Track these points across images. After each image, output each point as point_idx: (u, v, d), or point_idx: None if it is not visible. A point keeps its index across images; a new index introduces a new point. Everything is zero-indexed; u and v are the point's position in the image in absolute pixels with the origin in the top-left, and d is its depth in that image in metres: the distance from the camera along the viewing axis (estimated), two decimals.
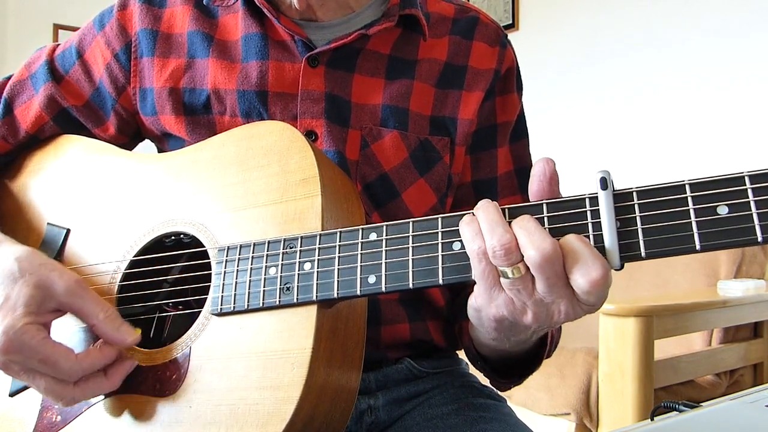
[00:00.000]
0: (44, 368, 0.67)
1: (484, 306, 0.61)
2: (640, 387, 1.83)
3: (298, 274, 0.66)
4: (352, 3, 0.90)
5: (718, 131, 2.86)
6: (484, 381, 0.96)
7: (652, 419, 0.72)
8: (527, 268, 0.56)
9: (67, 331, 0.77)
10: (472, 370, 0.99)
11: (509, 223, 0.57)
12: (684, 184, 0.53)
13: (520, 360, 0.82)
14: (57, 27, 4.28)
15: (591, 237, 0.55)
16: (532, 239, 0.54)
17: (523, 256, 0.55)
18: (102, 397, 0.73)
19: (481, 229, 0.57)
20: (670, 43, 3.04)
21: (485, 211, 0.58)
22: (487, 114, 0.94)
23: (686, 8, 2.98)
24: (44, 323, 0.70)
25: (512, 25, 3.74)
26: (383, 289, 0.62)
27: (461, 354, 0.99)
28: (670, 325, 1.94)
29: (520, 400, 2.17)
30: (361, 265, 0.63)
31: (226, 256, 0.70)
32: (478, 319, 0.64)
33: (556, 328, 0.84)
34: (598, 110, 3.32)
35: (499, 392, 0.94)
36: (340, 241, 0.65)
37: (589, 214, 0.55)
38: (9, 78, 0.97)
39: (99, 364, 0.69)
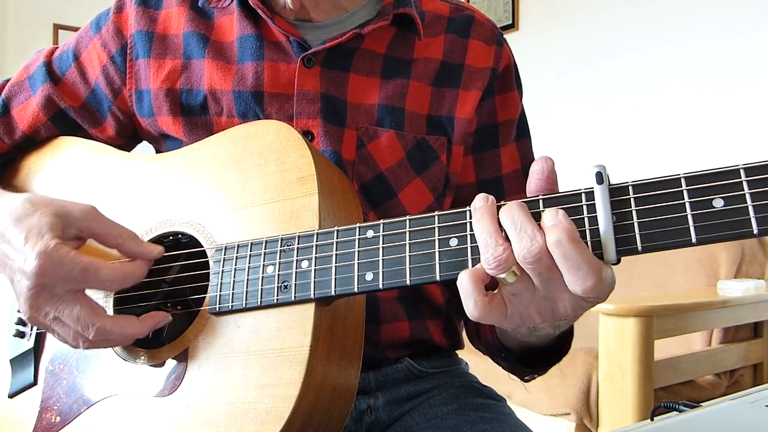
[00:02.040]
0: (86, 277, 0.66)
1: (501, 325, 0.61)
2: (640, 387, 1.82)
3: (296, 272, 0.66)
4: (345, 3, 0.91)
5: (716, 130, 2.86)
6: (485, 381, 0.96)
7: (652, 419, 0.72)
8: (522, 270, 0.56)
9: None
10: (472, 369, 0.99)
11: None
12: (679, 178, 0.53)
13: (544, 350, 0.82)
14: (57, 27, 4.29)
15: (587, 231, 0.55)
16: (520, 237, 0.55)
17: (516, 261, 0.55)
18: (101, 397, 0.73)
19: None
20: (670, 42, 3.04)
21: (481, 220, 0.57)
22: (487, 113, 0.94)
23: (686, 8, 2.99)
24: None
25: (512, 25, 3.75)
26: (380, 285, 0.62)
27: (461, 354, 0.99)
28: (670, 325, 1.94)
29: (520, 400, 2.16)
30: (358, 263, 0.63)
31: (224, 255, 0.70)
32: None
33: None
34: (598, 110, 3.32)
35: (498, 392, 0.94)
36: (337, 239, 0.65)
37: (585, 208, 0.55)
38: (8, 80, 0.97)
39: (135, 275, 0.70)
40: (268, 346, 0.65)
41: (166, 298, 0.79)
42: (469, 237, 0.59)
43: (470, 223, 0.59)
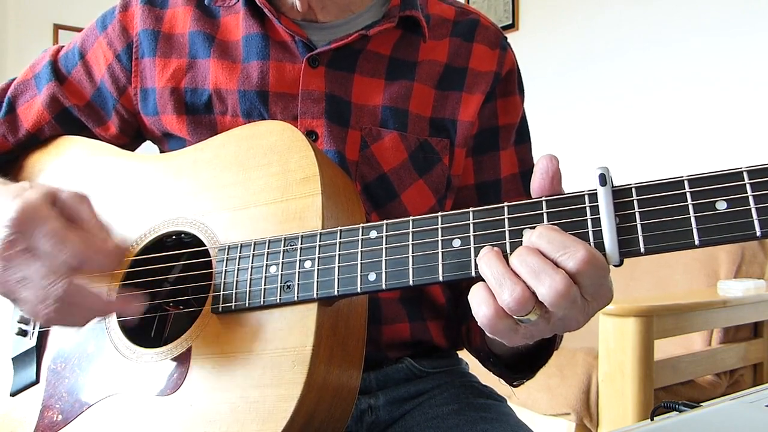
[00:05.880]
0: (54, 241, 0.63)
1: (504, 342, 0.60)
2: (640, 387, 1.83)
3: (299, 272, 0.66)
4: (352, 5, 0.91)
5: (716, 129, 2.86)
6: (485, 381, 0.96)
7: (652, 419, 0.72)
8: (543, 307, 0.55)
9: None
10: (473, 369, 0.99)
11: (510, 253, 0.56)
12: (683, 180, 0.53)
13: (532, 353, 0.82)
14: (57, 27, 4.29)
15: (590, 233, 0.55)
16: (540, 280, 0.54)
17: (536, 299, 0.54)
18: (103, 396, 0.73)
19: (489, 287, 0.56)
20: (670, 42, 3.04)
21: (488, 263, 0.57)
22: (488, 116, 0.94)
23: (686, 8, 2.99)
24: None
25: (512, 25, 3.75)
26: (383, 286, 0.62)
27: (461, 354, 0.99)
28: (670, 325, 1.94)
29: (520, 400, 2.16)
30: (361, 263, 0.63)
31: (227, 255, 0.71)
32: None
33: None
34: (598, 110, 3.32)
35: (499, 392, 0.94)
36: (340, 239, 0.65)
37: (588, 210, 0.55)
38: (14, 79, 0.98)
39: (102, 252, 0.65)
40: (271, 345, 0.65)
41: (168, 297, 0.79)
42: (472, 238, 0.59)
43: (473, 224, 0.59)
